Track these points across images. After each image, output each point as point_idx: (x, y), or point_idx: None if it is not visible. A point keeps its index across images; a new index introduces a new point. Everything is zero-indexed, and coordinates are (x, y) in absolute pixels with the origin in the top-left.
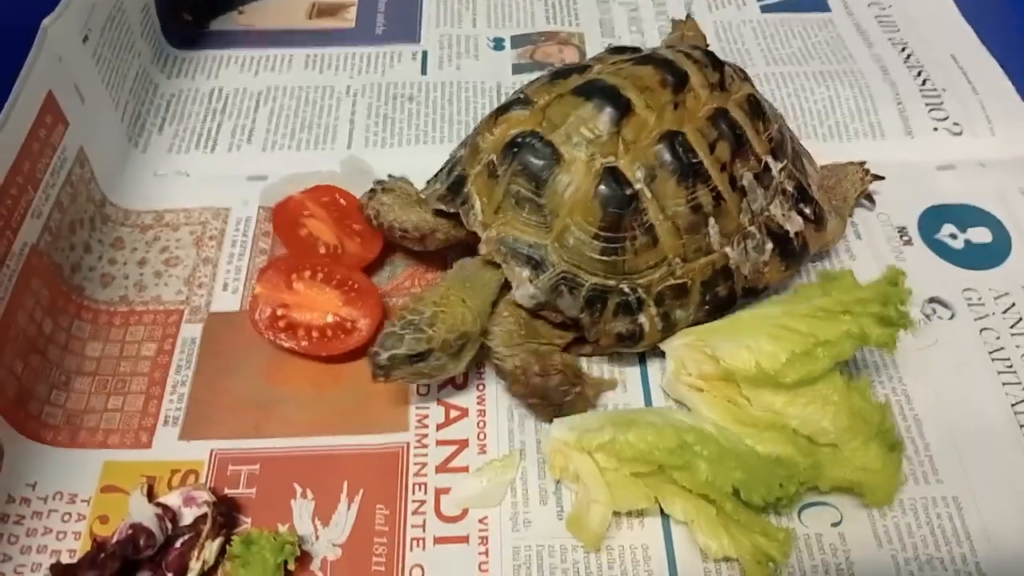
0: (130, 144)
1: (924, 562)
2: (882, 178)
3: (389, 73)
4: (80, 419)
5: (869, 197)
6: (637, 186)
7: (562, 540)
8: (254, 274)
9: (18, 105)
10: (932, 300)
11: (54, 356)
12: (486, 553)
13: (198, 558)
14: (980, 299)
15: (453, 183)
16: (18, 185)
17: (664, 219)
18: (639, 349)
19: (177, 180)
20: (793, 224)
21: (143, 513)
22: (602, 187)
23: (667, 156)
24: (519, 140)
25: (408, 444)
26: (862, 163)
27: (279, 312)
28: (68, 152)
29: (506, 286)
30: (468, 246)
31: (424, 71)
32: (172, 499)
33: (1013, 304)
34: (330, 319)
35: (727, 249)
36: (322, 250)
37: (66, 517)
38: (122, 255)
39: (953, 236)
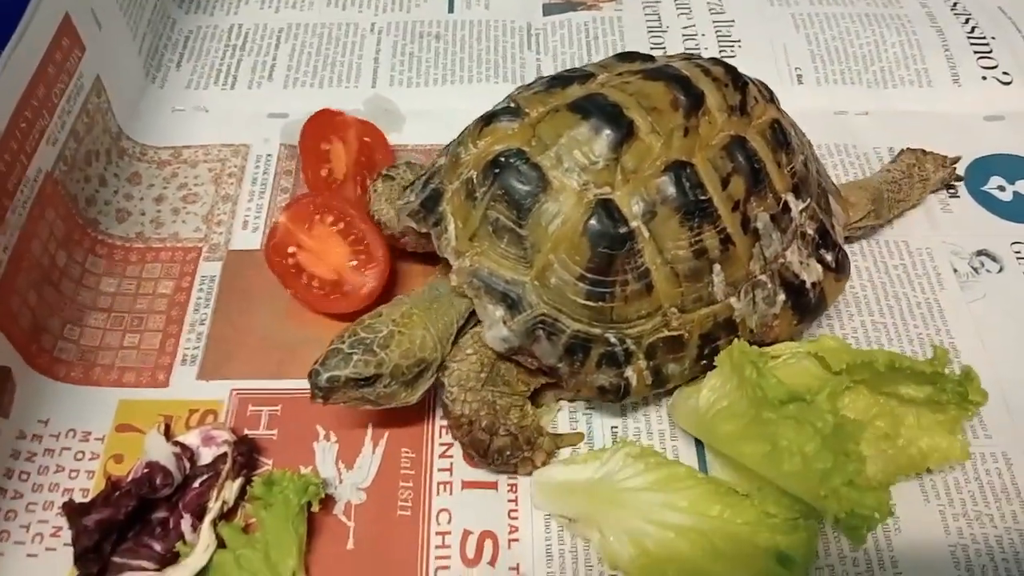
0: (147, 79)
1: (973, 518)
2: (962, 179)
3: (415, 11)
4: (94, 356)
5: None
6: (633, 223)
7: None
8: (275, 212)
9: (34, 23)
10: (980, 253)
11: (68, 290)
12: (516, 501)
13: (217, 498)
14: None
15: (428, 197)
16: (33, 108)
17: (662, 263)
18: (623, 402)
19: (195, 116)
20: (811, 274)
21: (160, 451)
22: (593, 222)
23: (671, 190)
24: (502, 159)
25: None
26: (954, 160)
27: (290, 250)
28: (85, 79)
29: (476, 314)
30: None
31: (451, 8)
32: (190, 438)
33: None
34: (333, 276)
35: (732, 300)
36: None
37: (79, 455)
38: (138, 191)
39: (1001, 188)
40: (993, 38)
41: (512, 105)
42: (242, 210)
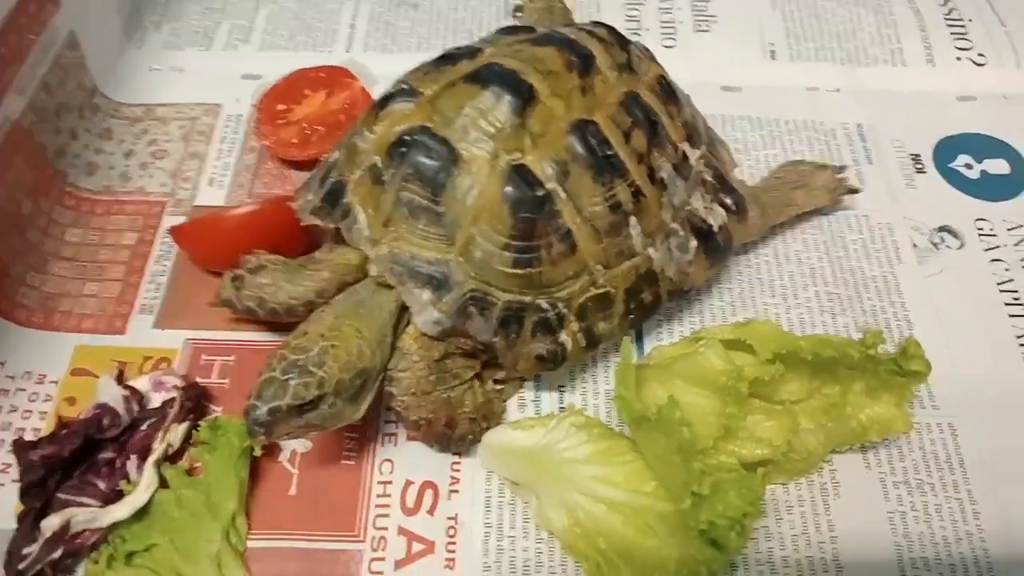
0: (125, 38)
1: (914, 486)
2: (857, 191)
3: None
4: (55, 302)
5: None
6: (549, 185)
7: None
8: (242, 171)
9: None
10: (941, 229)
11: (33, 238)
12: (459, 453)
13: (162, 440)
14: (992, 230)
15: (329, 192)
16: (1, 56)
17: (582, 222)
18: (559, 369)
19: (171, 76)
20: (716, 217)
21: (110, 394)
22: (509, 188)
23: (580, 149)
24: (407, 138)
25: None
26: (840, 169)
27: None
28: (58, 34)
29: (407, 309)
30: None
31: None
32: (141, 383)
33: None
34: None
35: (650, 250)
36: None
37: (33, 397)
38: (109, 145)
39: (968, 166)
40: (970, 20)
41: (405, 87)
42: (209, 167)
